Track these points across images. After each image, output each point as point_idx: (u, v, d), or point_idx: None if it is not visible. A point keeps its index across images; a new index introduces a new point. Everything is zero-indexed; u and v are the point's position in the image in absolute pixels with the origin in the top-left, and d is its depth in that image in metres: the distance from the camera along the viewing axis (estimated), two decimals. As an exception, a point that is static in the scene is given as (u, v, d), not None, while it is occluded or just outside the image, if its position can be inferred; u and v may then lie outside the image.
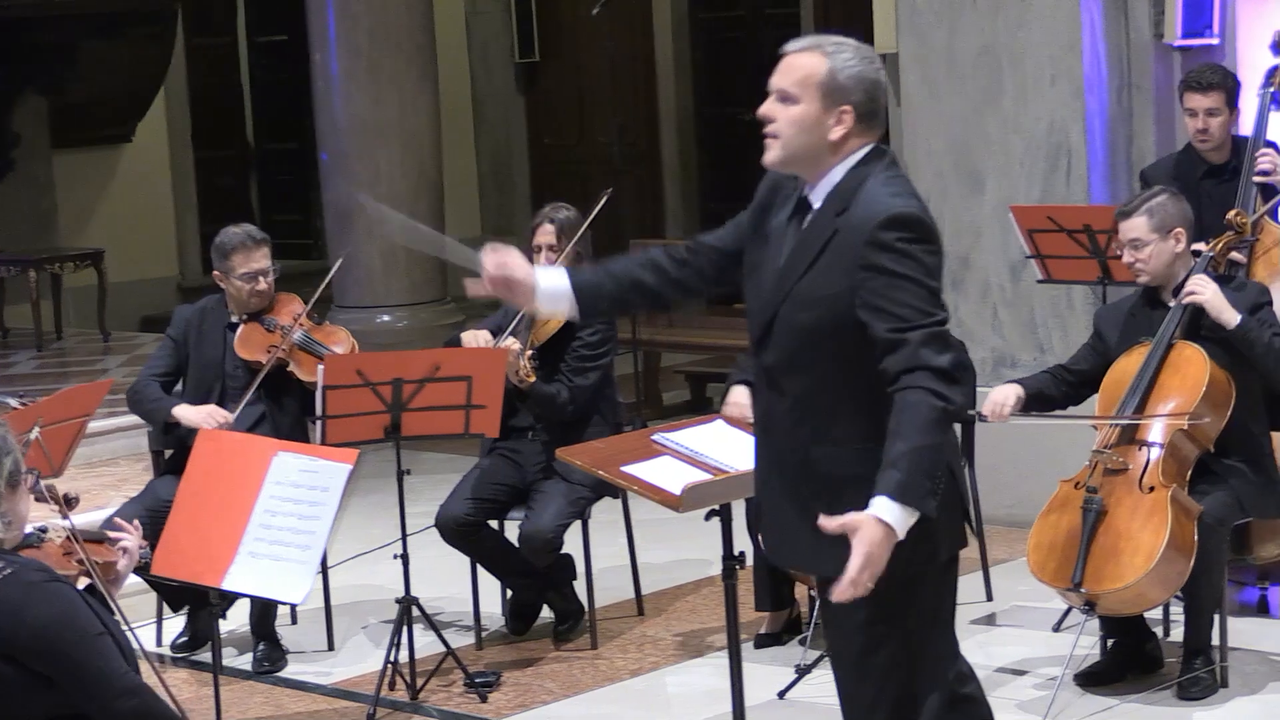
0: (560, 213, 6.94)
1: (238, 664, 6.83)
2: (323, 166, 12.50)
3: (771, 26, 14.11)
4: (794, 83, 4.17)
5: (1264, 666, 6.20)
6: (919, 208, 4.07)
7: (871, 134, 4.17)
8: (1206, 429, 6.00)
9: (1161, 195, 6.18)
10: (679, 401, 10.99)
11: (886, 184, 4.08)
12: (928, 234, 4.04)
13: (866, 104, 4.13)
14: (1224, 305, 6.03)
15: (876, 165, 4.12)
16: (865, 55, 4.20)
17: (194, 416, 6.72)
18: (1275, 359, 6.01)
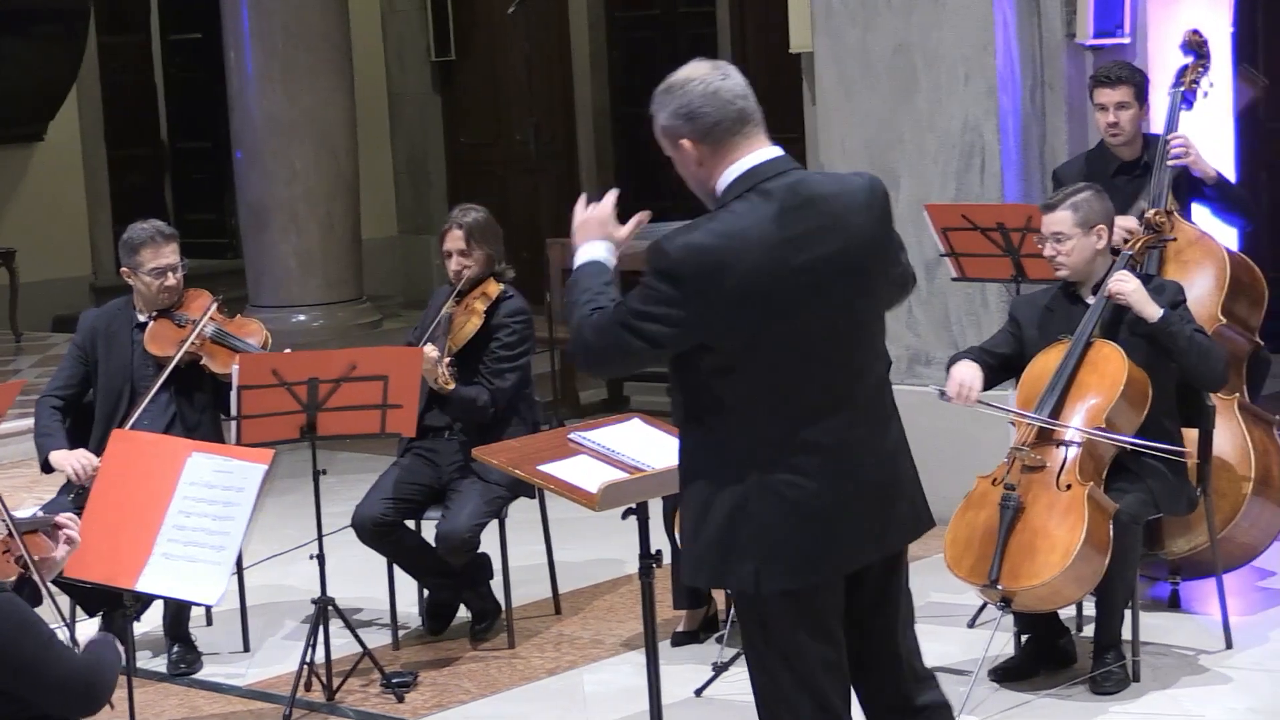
0: (468, 215, 6.92)
1: (152, 666, 6.78)
2: (237, 165, 12.44)
3: (688, 25, 14.13)
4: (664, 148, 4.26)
5: (1175, 660, 6.26)
6: (678, 244, 4.08)
7: (733, 148, 4.16)
8: (1123, 426, 6.04)
9: (1086, 191, 6.22)
10: (596, 400, 10.99)
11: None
12: (668, 269, 4.07)
13: (692, 126, 4.17)
14: (1147, 299, 6.09)
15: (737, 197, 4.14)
16: (670, 88, 4.27)
17: (64, 464, 6.65)
18: (1198, 352, 6.06)
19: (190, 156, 17.05)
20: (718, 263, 4.03)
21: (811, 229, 4.09)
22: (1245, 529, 6.66)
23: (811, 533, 4.08)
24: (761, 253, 4.04)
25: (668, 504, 6.58)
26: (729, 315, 4.03)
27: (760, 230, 4.06)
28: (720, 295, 4.02)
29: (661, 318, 4.06)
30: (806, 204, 4.12)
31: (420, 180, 15.46)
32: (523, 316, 6.86)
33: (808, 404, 4.09)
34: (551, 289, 10.64)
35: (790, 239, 4.07)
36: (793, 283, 4.05)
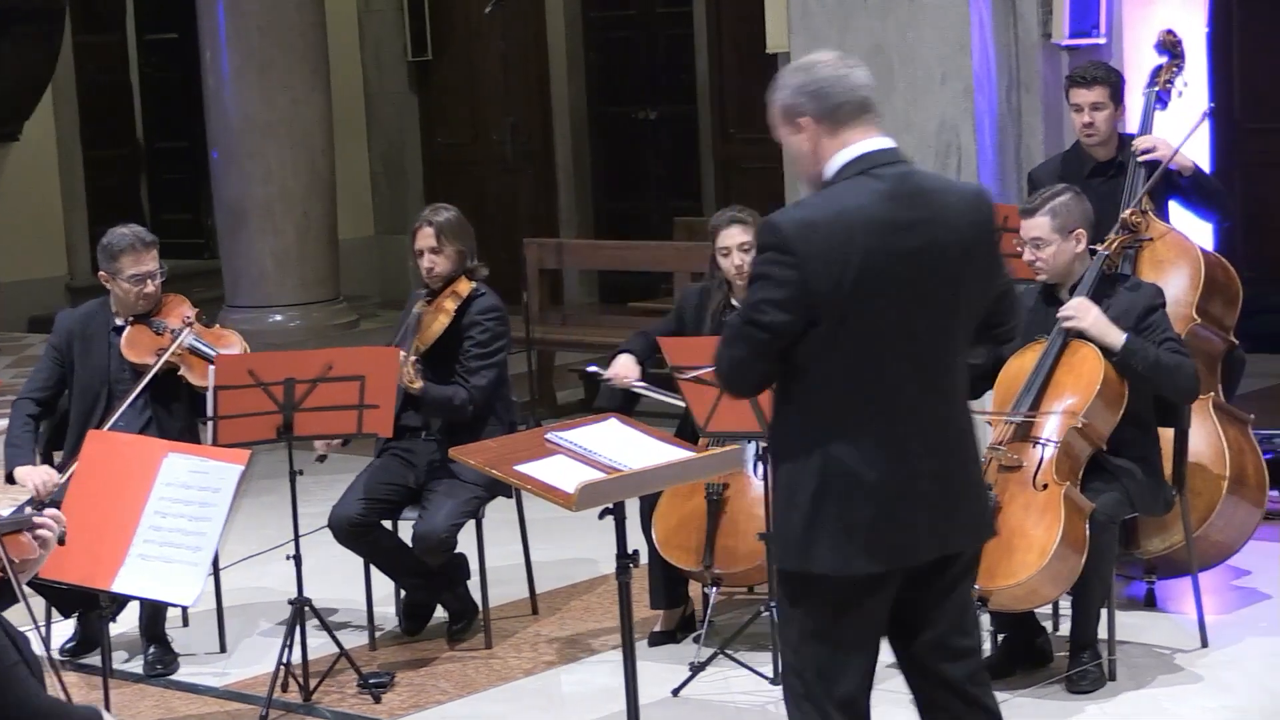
0: (440, 215, 6.91)
1: (128, 667, 6.77)
2: (214, 165, 12.42)
3: (665, 25, 14.14)
4: (776, 131, 4.29)
5: (1151, 659, 6.27)
6: (789, 218, 4.11)
7: (848, 130, 4.18)
8: (1099, 427, 6.06)
9: (1065, 195, 6.21)
10: (573, 400, 10.99)
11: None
12: (780, 243, 4.09)
13: (815, 105, 4.16)
14: (1106, 328, 6.08)
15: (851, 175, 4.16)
16: (796, 69, 4.26)
17: (26, 478, 6.63)
18: (1165, 375, 6.06)
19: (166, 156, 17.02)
20: (828, 237, 4.07)
21: (918, 219, 4.15)
22: (1220, 528, 6.68)
23: (889, 519, 4.13)
24: (870, 232, 4.09)
25: (644, 504, 6.59)
26: (836, 290, 4.06)
27: (870, 210, 4.11)
28: (829, 269, 4.05)
29: (778, 301, 4.07)
30: (916, 194, 4.18)
31: (397, 180, 15.45)
32: (496, 314, 6.85)
33: (895, 392, 4.14)
34: (529, 289, 10.64)
35: (899, 223, 4.12)
36: (895, 266, 4.10)
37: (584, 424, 5.06)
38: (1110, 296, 6.21)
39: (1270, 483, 7.05)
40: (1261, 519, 6.88)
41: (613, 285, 14.13)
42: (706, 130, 13.81)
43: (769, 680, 6.13)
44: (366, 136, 15.45)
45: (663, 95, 14.14)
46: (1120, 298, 6.21)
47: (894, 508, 4.14)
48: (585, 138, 14.66)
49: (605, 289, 14.30)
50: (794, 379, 4.17)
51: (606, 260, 12.40)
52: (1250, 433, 6.85)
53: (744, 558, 6.40)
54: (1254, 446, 6.81)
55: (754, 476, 6.39)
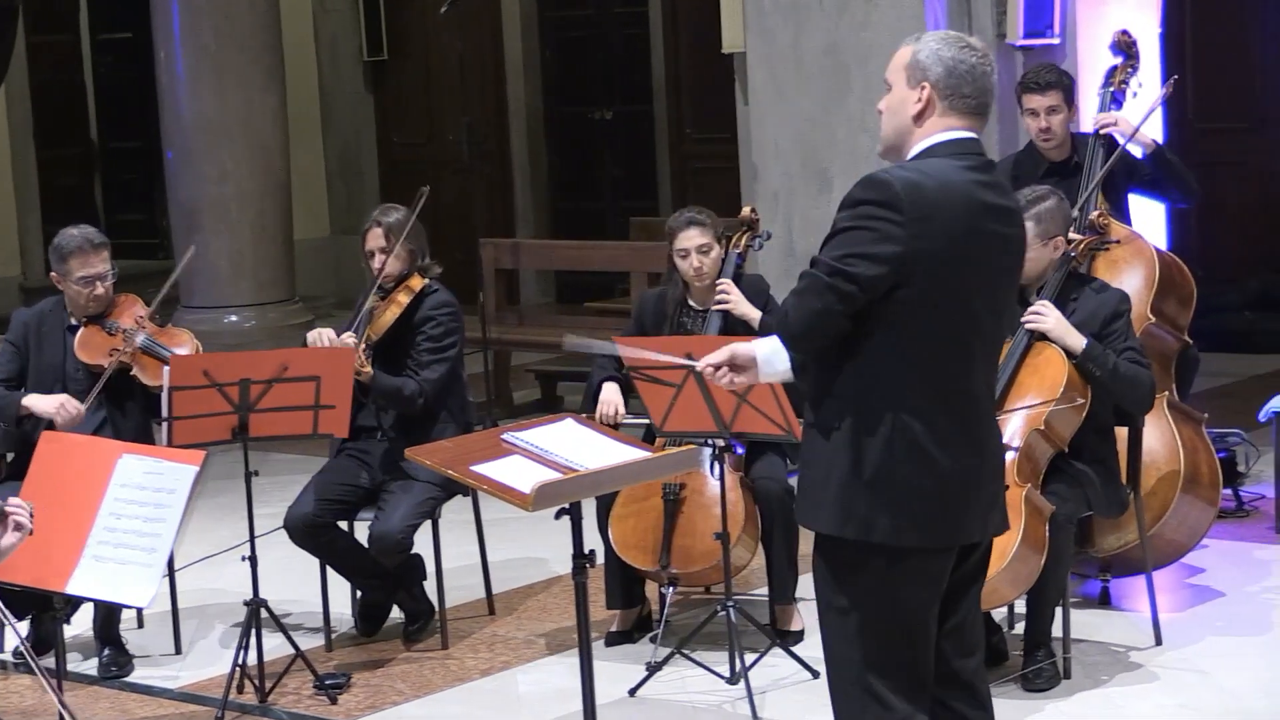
0: (389, 215, 6.91)
1: (83, 669, 6.74)
2: (168, 165, 12.39)
3: (620, 25, 14.15)
4: (889, 71, 4.32)
5: (1106, 657, 6.30)
6: (898, 175, 4.11)
7: (957, 117, 4.20)
8: (1061, 429, 6.08)
9: (1049, 200, 6.17)
10: (529, 400, 10.98)
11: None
12: (889, 198, 4.07)
13: (947, 81, 4.19)
14: (1067, 332, 6.10)
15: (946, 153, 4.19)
16: (952, 39, 4.26)
17: (45, 406, 6.63)
18: (1122, 384, 6.07)
19: (120, 156, 16.97)
20: (936, 202, 4.08)
21: (1007, 207, 4.23)
22: (1174, 526, 6.71)
23: (949, 495, 4.13)
24: (964, 207, 4.11)
25: (601, 504, 6.59)
26: (933, 256, 4.07)
27: (966, 188, 4.14)
28: (931, 233, 4.06)
29: (875, 255, 4.04)
30: (1001, 184, 4.27)
31: (352, 181, 15.43)
32: (449, 309, 6.85)
33: (964, 369, 4.17)
34: (485, 289, 10.63)
35: (988, 206, 4.16)
36: (983, 247, 4.14)
37: (540, 424, 5.06)
38: (1076, 299, 6.23)
39: (1223, 481, 7.09)
40: (1215, 517, 6.92)
41: (569, 285, 14.13)
42: (663, 130, 13.82)
43: (725, 680, 6.14)
44: (322, 136, 15.43)
45: (619, 95, 14.15)
46: (1086, 300, 6.22)
47: (955, 486, 4.13)
48: (541, 138, 14.66)
49: (561, 289, 14.31)
50: (864, 342, 4.11)
51: (562, 260, 12.40)
52: (1204, 432, 6.88)
53: (700, 557, 6.40)
54: (1208, 445, 6.84)
55: (711, 476, 6.40)
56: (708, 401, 6.00)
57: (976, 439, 4.19)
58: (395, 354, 6.78)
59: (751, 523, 6.43)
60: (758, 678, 6.11)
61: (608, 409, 6.63)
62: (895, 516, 4.10)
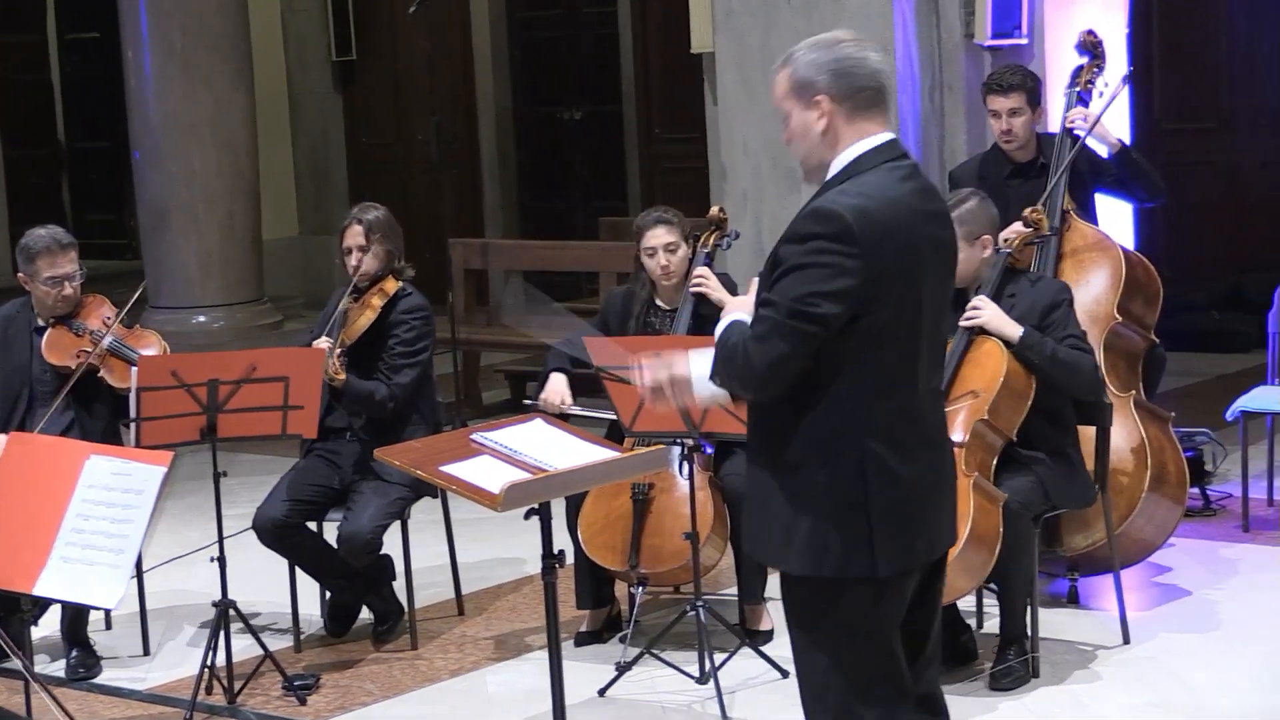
0: (369, 213, 6.90)
1: (50, 671, 6.72)
2: (136, 165, 12.35)
3: (589, 25, 14.15)
4: (778, 100, 4.16)
5: (1073, 656, 6.32)
6: (846, 206, 3.95)
7: (864, 118, 4.05)
8: (1005, 419, 6.10)
9: (970, 201, 6.22)
10: (498, 401, 10.98)
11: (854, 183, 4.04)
12: (841, 231, 3.94)
13: (837, 84, 4.03)
14: (1004, 323, 6.13)
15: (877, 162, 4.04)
16: (820, 43, 4.14)
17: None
18: (1061, 370, 6.09)
19: (88, 157, 16.93)
20: (884, 226, 3.96)
21: (939, 210, 4.14)
22: (1142, 525, 6.73)
23: (920, 513, 4.07)
24: (912, 222, 4.01)
25: (570, 504, 6.59)
26: (889, 281, 3.96)
27: (909, 201, 4.02)
28: (885, 260, 3.95)
29: (834, 292, 3.91)
30: (933, 188, 4.17)
31: (321, 180, 15.41)
32: (422, 313, 6.85)
33: (920, 386, 4.08)
34: (454, 289, 10.62)
35: (927, 213, 4.06)
36: (928, 259, 4.04)
37: (509, 424, 5.06)
38: (1014, 294, 6.26)
39: (1190, 480, 7.12)
40: (1182, 516, 6.94)
41: (538, 285, 14.08)
42: (632, 130, 13.83)
43: (695, 679, 6.15)
44: (290, 137, 15.40)
45: (588, 95, 14.15)
46: (1024, 294, 6.25)
47: (923, 501, 4.08)
48: (510, 138, 14.66)
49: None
50: (825, 375, 3.99)
51: (532, 260, 12.39)
52: (1171, 431, 6.91)
53: (670, 557, 6.41)
54: (1174, 444, 6.87)
55: (679, 476, 6.40)
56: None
57: (934, 445, 4.14)
58: (367, 356, 6.77)
59: (721, 522, 6.44)
60: (727, 677, 6.11)
61: (553, 397, 6.65)
62: (873, 548, 4.01)
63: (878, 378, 4.02)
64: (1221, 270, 12.01)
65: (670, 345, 6.07)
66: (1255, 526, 7.65)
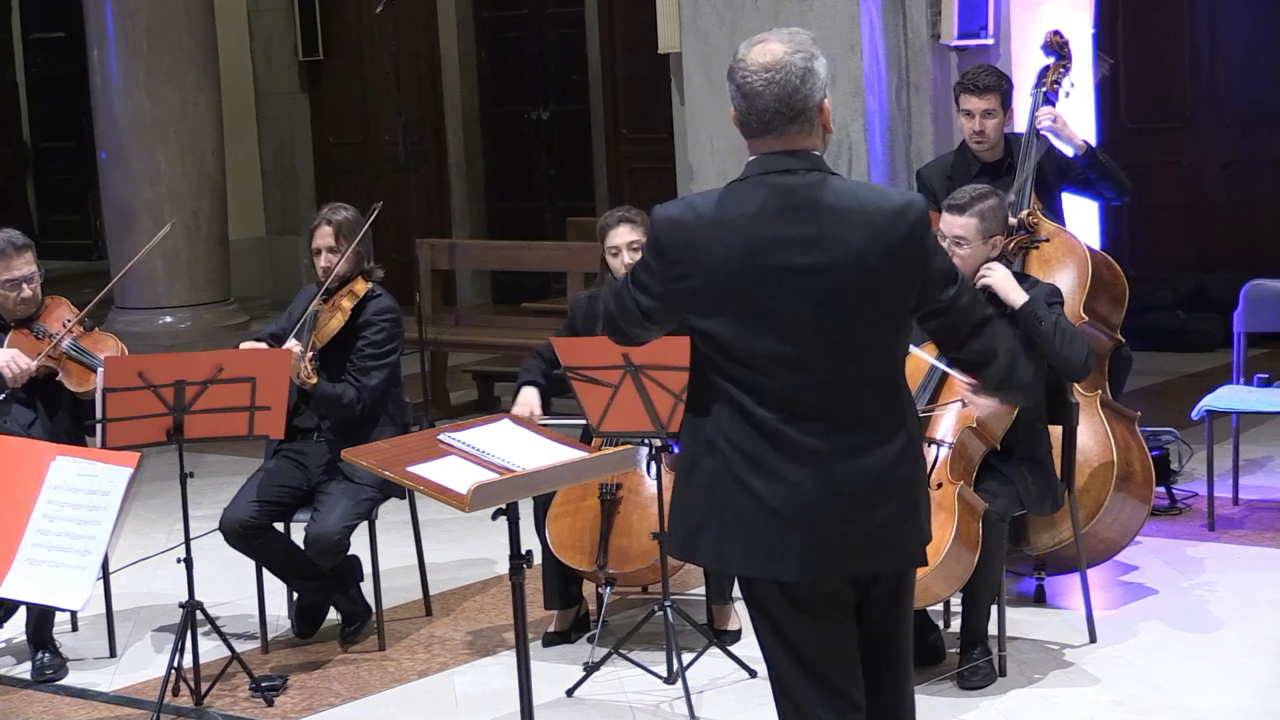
0: (338, 214, 6.89)
1: (16, 673, 6.70)
2: (102, 165, 12.30)
3: (556, 26, 14.15)
4: None
5: (1040, 655, 6.34)
6: (665, 213, 4.07)
7: (766, 135, 4.06)
8: (993, 426, 6.11)
9: (993, 199, 6.17)
10: (466, 401, 10.97)
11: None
12: (652, 233, 4.11)
13: (736, 107, 4.13)
14: (1013, 286, 6.14)
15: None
16: (738, 57, 4.19)
17: None
18: (1062, 338, 6.08)
19: (53, 157, 16.87)
20: (694, 241, 4.01)
21: (800, 235, 3.98)
22: (1108, 524, 6.76)
23: (771, 526, 4.02)
24: (737, 242, 3.98)
25: (538, 504, 6.59)
26: (697, 295, 4.01)
27: (753, 219, 4.00)
28: (690, 272, 4.01)
29: (645, 286, 4.12)
30: (806, 208, 4.00)
31: (288, 181, 15.38)
32: (391, 315, 6.84)
33: (779, 403, 4.02)
34: (421, 289, 10.61)
35: (780, 237, 3.98)
36: (760, 281, 3.98)
37: (477, 425, 5.05)
38: None
39: (1156, 479, 7.15)
40: (1148, 515, 6.97)
41: (505, 286, 14.12)
42: (599, 130, 13.83)
43: (663, 679, 6.15)
44: (257, 136, 15.37)
45: (555, 95, 14.15)
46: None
47: (769, 518, 4.02)
48: (477, 138, 14.65)
49: (498, 289, 14.30)
50: (695, 373, 4.15)
51: (499, 261, 12.39)
52: (1137, 430, 6.93)
53: (637, 557, 6.41)
54: (1140, 443, 6.89)
55: (647, 476, 6.41)
56: (644, 401, 6.01)
57: (816, 474, 4.02)
58: (336, 358, 6.76)
59: None
60: (695, 677, 6.12)
61: (522, 411, 6.63)
62: (722, 542, 4.07)
63: (730, 387, 4.05)
64: (1186, 270, 12.06)
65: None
66: (1221, 525, 7.69)
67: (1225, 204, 12.24)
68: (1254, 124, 12.08)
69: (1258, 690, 5.97)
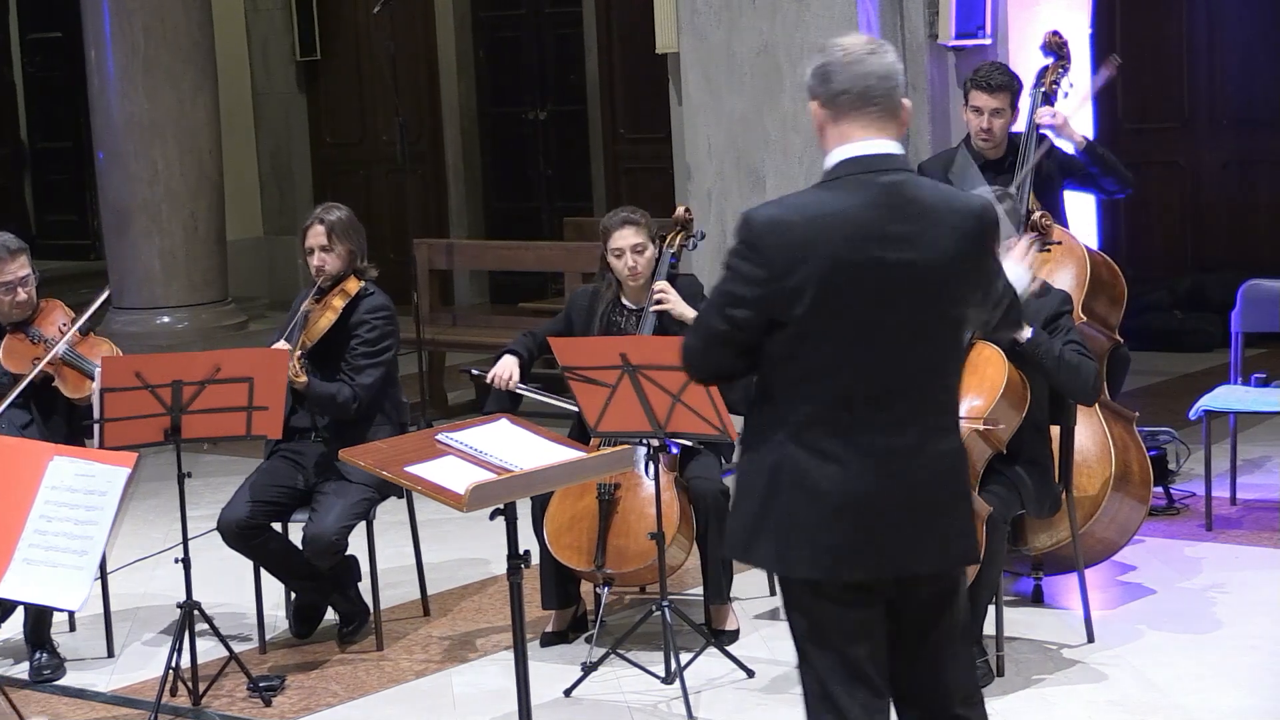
0: (331, 213, 6.89)
1: (14, 673, 6.70)
2: (99, 166, 12.30)
3: (554, 25, 14.14)
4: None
5: (1038, 654, 6.34)
6: (761, 215, 4.04)
7: (849, 123, 4.09)
8: (1001, 431, 6.09)
9: (1007, 203, 6.13)
10: (464, 401, 10.97)
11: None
12: (747, 238, 4.03)
13: (822, 89, 4.10)
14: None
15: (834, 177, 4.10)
16: (823, 45, 4.18)
17: None
18: (1067, 371, 6.10)
19: (51, 157, 16.85)
20: (802, 240, 3.99)
21: (905, 232, 4.02)
22: (1106, 524, 6.76)
23: (840, 526, 4.03)
24: (844, 240, 4.00)
25: (536, 504, 6.59)
26: (800, 294, 3.98)
27: (853, 216, 4.02)
28: (794, 272, 3.99)
29: (740, 297, 4.03)
30: (906, 206, 4.05)
31: (285, 181, 15.37)
32: (384, 313, 6.84)
33: (859, 399, 4.04)
34: (419, 289, 10.61)
35: (881, 235, 4.01)
36: (868, 277, 4.00)
37: (475, 424, 5.05)
38: None
39: (1154, 479, 7.15)
40: (1146, 515, 6.97)
41: (503, 286, 14.13)
42: (597, 130, 13.83)
43: (661, 679, 6.15)
44: (254, 137, 15.36)
45: (553, 95, 14.15)
46: (1029, 303, 6.23)
47: (839, 519, 4.03)
48: (475, 138, 14.65)
49: (495, 289, 14.30)
50: (765, 376, 4.11)
51: (496, 261, 12.39)
52: (1135, 430, 6.93)
53: (635, 557, 6.41)
54: (1139, 443, 6.89)
55: (645, 476, 6.41)
56: (642, 402, 6.01)
57: (891, 475, 4.05)
58: (330, 357, 6.76)
59: (686, 523, 6.44)
60: (693, 677, 6.12)
61: (503, 371, 6.67)
62: (774, 544, 4.06)
63: (803, 386, 4.05)
64: (1184, 270, 12.07)
65: (637, 345, 6.10)
66: (1218, 525, 7.69)
67: (1223, 204, 12.25)
68: (1252, 124, 12.09)
69: (1256, 690, 5.97)
